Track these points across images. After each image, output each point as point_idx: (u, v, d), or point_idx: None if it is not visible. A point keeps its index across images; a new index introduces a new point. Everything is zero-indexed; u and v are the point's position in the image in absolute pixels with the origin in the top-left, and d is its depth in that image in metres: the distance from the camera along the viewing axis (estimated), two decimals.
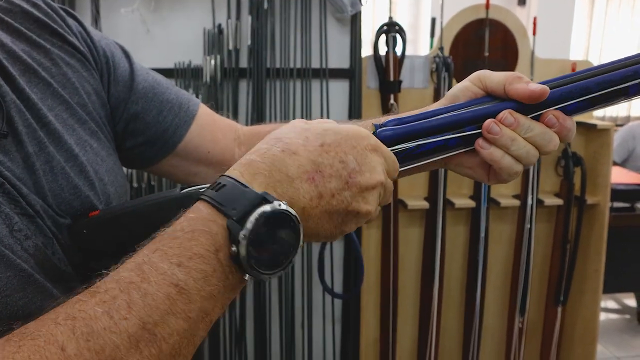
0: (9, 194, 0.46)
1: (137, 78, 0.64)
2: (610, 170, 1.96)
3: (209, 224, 0.39)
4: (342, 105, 1.73)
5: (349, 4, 1.61)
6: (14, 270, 0.43)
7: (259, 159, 0.42)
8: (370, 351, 1.99)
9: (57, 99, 0.54)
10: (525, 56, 1.91)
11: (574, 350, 2.11)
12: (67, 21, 0.58)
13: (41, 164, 0.50)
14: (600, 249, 1.98)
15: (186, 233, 0.39)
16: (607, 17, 4.44)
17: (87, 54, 0.59)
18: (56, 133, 0.52)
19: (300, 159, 0.42)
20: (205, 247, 0.38)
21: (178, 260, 0.37)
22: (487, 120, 0.51)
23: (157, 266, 0.37)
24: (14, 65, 0.51)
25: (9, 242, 0.44)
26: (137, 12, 1.58)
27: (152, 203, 0.51)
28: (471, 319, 1.98)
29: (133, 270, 0.37)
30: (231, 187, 0.40)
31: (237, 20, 1.63)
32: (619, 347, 2.70)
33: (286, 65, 1.65)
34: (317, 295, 1.80)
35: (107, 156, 0.59)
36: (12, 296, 0.43)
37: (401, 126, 0.52)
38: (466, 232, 2.00)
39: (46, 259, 0.48)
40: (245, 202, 0.39)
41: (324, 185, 0.43)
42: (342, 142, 0.44)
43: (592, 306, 2.04)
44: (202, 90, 1.64)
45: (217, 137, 0.70)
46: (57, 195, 0.51)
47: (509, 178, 0.54)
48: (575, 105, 0.52)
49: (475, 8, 1.87)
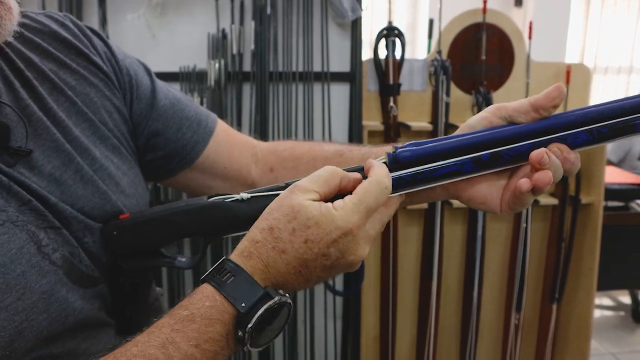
0: (36, 210, 0.50)
1: (158, 95, 0.66)
2: (604, 170, 2.00)
3: (223, 314, 0.46)
4: (343, 107, 1.76)
5: (349, 10, 1.65)
6: (37, 294, 0.47)
7: (256, 253, 0.48)
8: (370, 347, 2.02)
9: (81, 117, 0.57)
10: (521, 59, 1.95)
11: (568, 346, 2.14)
12: (93, 41, 0.62)
13: (71, 174, 0.54)
14: (595, 247, 2.01)
15: (204, 319, 0.45)
16: (602, 19, 4.47)
17: (110, 73, 0.62)
18: (83, 146, 0.56)
19: (288, 257, 0.48)
20: (219, 332, 0.46)
21: (196, 343, 0.44)
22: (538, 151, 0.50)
23: (179, 346, 0.44)
24: (42, 85, 0.55)
25: (37, 260, 0.48)
26: (143, 17, 1.61)
27: (180, 210, 0.54)
28: (468, 316, 2.01)
29: (159, 349, 0.44)
30: (239, 278, 0.47)
31: (240, 25, 1.66)
32: (614, 343, 2.73)
33: (289, 69, 1.69)
34: (318, 292, 1.83)
35: (129, 169, 0.62)
36: (37, 318, 0.47)
37: (419, 147, 0.53)
38: (464, 231, 2.03)
39: (73, 267, 0.52)
40: (252, 296, 0.46)
41: (309, 274, 0.49)
42: (324, 237, 0.47)
43: (587, 303, 2.07)
44: (206, 93, 1.67)
45: (233, 153, 0.72)
46: (89, 201, 0.55)
47: (521, 208, 0.54)
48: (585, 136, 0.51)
49: (472, 12, 1.91)
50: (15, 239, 0.47)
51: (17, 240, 0.47)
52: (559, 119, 0.52)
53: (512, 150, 0.52)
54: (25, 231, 0.48)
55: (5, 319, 0.45)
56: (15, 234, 0.47)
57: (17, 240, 0.47)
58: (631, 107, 0.50)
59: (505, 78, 1.96)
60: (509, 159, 0.52)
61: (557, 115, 0.53)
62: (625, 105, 0.50)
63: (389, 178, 0.51)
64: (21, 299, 0.46)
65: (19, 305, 0.46)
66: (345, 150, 0.69)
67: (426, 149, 0.53)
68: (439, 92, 1.84)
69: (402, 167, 0.54)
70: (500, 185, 0.55)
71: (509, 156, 0.52)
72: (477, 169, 0.53)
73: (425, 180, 0.53)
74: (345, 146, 0.70)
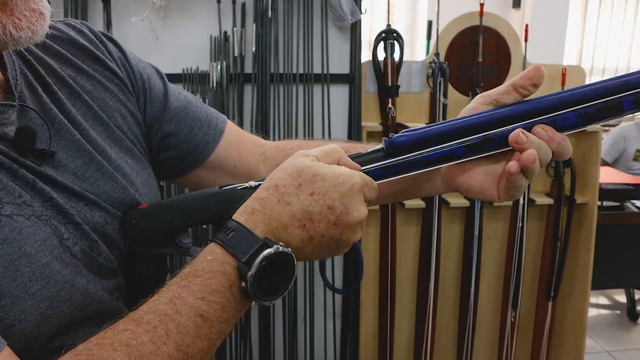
0: (57, 206, 0.53)
1: (171, 98, 0.70)
2: (599, 171, 2.03)
3: (224, 265, 0.48)
4: (342, 108, 1.79)
5: (349, 13, 1.68)
6: (61, 283, 0.51)
7: (259, 208, 0.50)
8: (369, 344, 2.05)
9: (97, 120, 0.61)
10: (517, 61, 1.98)
11: (564, 342, 2.17)
12: (109, 47, 0.65)
13: (92, 172, 0.58)
14: (589, 246, 2.04)
15: (207, 272, 0.48)
16: (599, 20, 4.50)
17: (125, 78, 0.65)
18: (101, 146, 0.60)
19: (293, 209, 0.50)
20: (221, 284, 0.47)
21: (202, 295, 0.47)
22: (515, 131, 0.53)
23: (186, 300, 0.46)
24: (62, 90, 0.59)
25: (59, 252, 0.51)
26: (147, 20, 1.65)
27: (194, 197, 0.58)
28: (466, 313, 2.04)
29: (167, 304, 0.47)
30: (239, 232, 0.49)
31: (242, 28, 1.69)
32: (609, 341, 2.76)
33: (289, 70, 1.72)
34: (318, 290, 1.86)
35: (142, 170, 0.66)
36: (61, 307, 0.50)
37: (413, 132, 0.56)
38: (461, 230, 2.06)
39: (92, 260, 0.55)
40: (251, 246, 0.48)
41: (314, 230, 0.50)
42: (330, 190, 0.50)
43: (581, 301, 2.10)
44: (208, 94, 1.70)
45: (243, 152, 0.76)
46: (110, 196, 0.59)
47: (517, 193, 0.56)
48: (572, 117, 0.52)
49: (469, 15, 1.94)
50: (40, 232, 0.50)
51: (42, 233, 0.50)
52: (542, 102, 0.54)
53: (502, 132, 0.54)
54: (48, 225, 0.51)
55: (32, 305, 0.48)
56: (40, 227, 0.50)
57: (42, 233, 0.50)
58: (615, 87, 0.51)
59: (502, 80, 1.99)
60: (500, 141, 0.54)
61: (542, 98, 0.55)
62: (609, 85, 0.51)
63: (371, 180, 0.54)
64: (46, 287, 0.49)
65: (44, 293, 0.49)
66: (350, 147, 0.72)
67: (420, 134, 0.56)
68: (436, 93, 1.87)
69: (398, 152, 0.57)
70: (496, 173, 0.57)
71: (500, 138, 0.54)
72: (469, 151, 0.55)
73: (421, 164, 0.56)
74: (350, 144, 0.73)
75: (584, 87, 0.53)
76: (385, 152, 0.57)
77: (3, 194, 0.49)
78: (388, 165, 0.56)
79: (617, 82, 0.52)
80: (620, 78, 0.52)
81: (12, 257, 0.48)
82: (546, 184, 2.08)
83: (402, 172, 0.57)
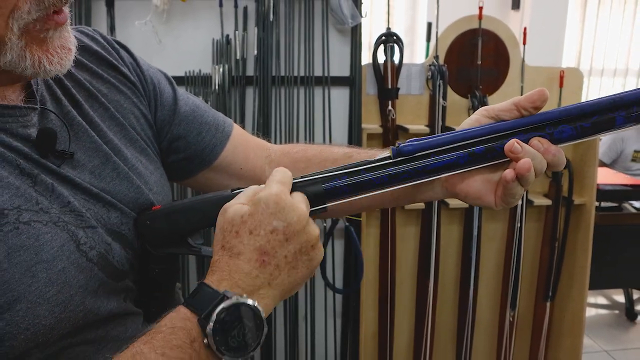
0: (75, 211, 0.55)
1: (180, 103, 0.72)
2: (596, 172, 2.04)
3: (184, 321, 0.48)
4: (342, 111, 1.81)
5: (349, 16, 1.70)
6: (75, 288, 0.53)
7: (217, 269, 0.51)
8: (369, 343, 2.06)
9: (114, 121, 0.64)
10: (516, 64, 2.00)
11: (562, 342, 2.19)
12: (120, 53, 0.68)
13: (109, 171, 0.60)
14: (587, 246, 2.06)
15: (168, 328, 0.48)
16: (598, 22, 4.52)
17: (136, 82, 0.68)
18: (117, 147, 0.62)
19: (246, 255, 0.51)
20: (182, 340, 0.47)
21: (162, 351, 0.47)
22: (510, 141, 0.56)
23: (147, 356, 0.47)
24: (79, 92, 0.61)
25: (76, 257, 0.53)
26: (150, 24, 1.66)
27: (207, 200, 0.60)
28: (465, 313, 2.05)
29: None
30: (203, 292, 0.50)
31: (244, 31, 1.71)
32: (608, 341, 2.77)
33: (290, 73, 1.74)
34: (319, 290, 1.88)
35: (155, 169, 0.68)
36: (74, 310, 0.53)
37: (419, 141, 0.59)
38: (460, 231, 2.07)
39: (107, 263, 0.57)
40: (211, 301, 0.48)
41: (273, 258, 0.51)
42: (262, 218, 0.51)
43: (579, 301, 2.11)
44: (211, 97, 1.72)
45: (249, 155, 0.78)
46: (125, 195, 0.61)
47: (513, 200, 0.58)
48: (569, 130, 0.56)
49: (468, 18, 1.96)
50: (57, 238, 0.52)
51: (59, 239, 0.52)
52: (544, 116, 0.58)
53: (502, 144, 0.57)
54: (65, 231, 0.53)
55: (47, 309, 0.50)
56: (57, 234, 0.52)
57: (59, 239, 0.52)
58: (609, 103, 0.55)
59: (501, 82, 2.01)
60: (500, 151, 0.57)
61: (543, 113, 0.58)
62: (602, 102, 0.55)
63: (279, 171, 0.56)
64: (61, 292, 0.51)
65: (59, 298, 0.51)
66: (354, 152, 0.74)
67: (425, 144, 0.59)
68: (436, 95, 1.89)
69: (405, 160, 0.59)
70: (493, 181, 0.59)
71: (500, 149, 0.57)
72: (472, 161, 0.58)
73: (426, 172, 0.58)
74: (353, 149, 0.75)
75: (582, 104, 0.56)
76: (393, 159, 0.59)
77: (22, 201, 0.51)
78: (397, 172, 0.59)
79: (612, 98, 0.55)
80: (615, 95, 0.56)
81: (30, 264, 0.50)
82: (544, 185, 2.10)
83: (409, 179, 0.59)
